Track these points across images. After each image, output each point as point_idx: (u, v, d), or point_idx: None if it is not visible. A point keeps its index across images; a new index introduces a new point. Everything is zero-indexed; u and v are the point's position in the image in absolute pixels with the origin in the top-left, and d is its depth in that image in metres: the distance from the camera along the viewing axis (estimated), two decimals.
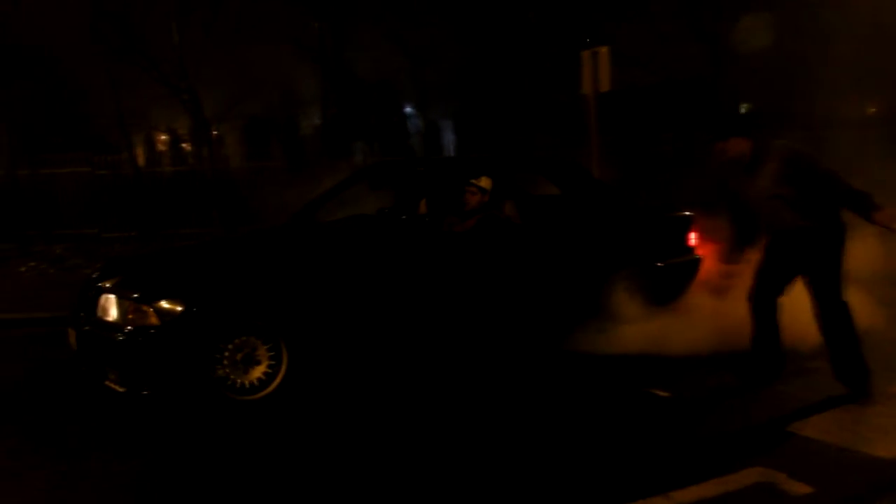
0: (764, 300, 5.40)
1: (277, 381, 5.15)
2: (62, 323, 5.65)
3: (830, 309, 5.04)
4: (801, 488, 3.80)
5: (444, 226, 6.34)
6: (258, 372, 5.13)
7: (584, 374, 5.84)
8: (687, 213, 7.18)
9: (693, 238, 7.10)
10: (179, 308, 4.90)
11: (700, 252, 7.16)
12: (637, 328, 6.42)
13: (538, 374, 5.88)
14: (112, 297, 5.12)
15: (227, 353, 5.02)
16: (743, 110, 9.80)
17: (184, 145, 19.90)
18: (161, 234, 14.04)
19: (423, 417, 4.99)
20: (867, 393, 4.96)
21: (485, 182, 6.49)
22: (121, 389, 4.98)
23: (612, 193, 7.02)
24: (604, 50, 10.34)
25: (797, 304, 6.60)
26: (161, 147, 20.88)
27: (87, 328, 5.22)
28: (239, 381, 5.08)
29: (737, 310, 6.65)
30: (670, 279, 6.85)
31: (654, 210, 7.35)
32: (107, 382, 5.07)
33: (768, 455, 4.16)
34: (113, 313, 5.07)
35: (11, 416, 5.18)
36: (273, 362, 5.16)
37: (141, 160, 15.12)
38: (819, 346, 6.06)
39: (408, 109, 21.97)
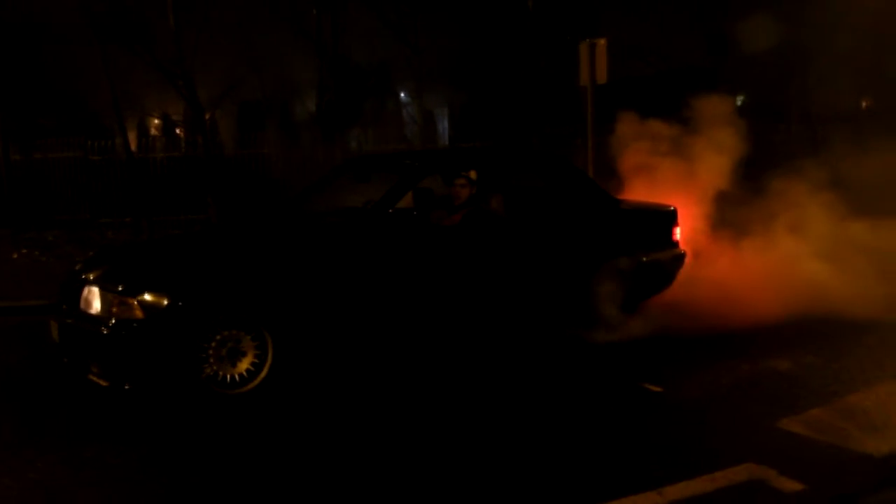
0: None
1: (263, 374, 5.11)
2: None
3: None
4: (791, 485, 3.77)
5: (431, 219, 6.29)
6: (244, 365, 5.08)
7: (576, 366, 5.83)
8: (671, 207, 7.21)
9: (677, 233, 7.16)
10: (165, 301, 4.84)
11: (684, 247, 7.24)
12: (624, 320, 6.54)
13: (528, 367, 5.85)
14: (95, 289, 5.06)
15: (212, 347, 4.96)
16: (738, 102, 9.78)
17: (178, 130, 19.77)
18: (155, 221, 13.97)
19: (409, 410, 4.96)
20: None
21: (472, 174, 6.46)
22: (104, 383, 4.93)
23: (597, 188, 7.05)
24: (601, 42, 10.29)
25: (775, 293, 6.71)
26: (154, 132, 20.75)
27: (69, 321, 5.16)
28: (224, 374, 5.03)
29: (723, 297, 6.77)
30: (655, 273, 6.87)
31: (638, 205, 7.36)
32: (90, 376, 5.02)
33: (759, 451, 4.13)
34: (96, 306, 5.01)
35: (5, 406, 5.14)
36: (258, 354, 5.11)
37: (134, 145, 14.97)
38: (810, 341, 6.14)
39: (403, 97, 21.86)
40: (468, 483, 3.92)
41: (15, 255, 11.45)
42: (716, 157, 8.22)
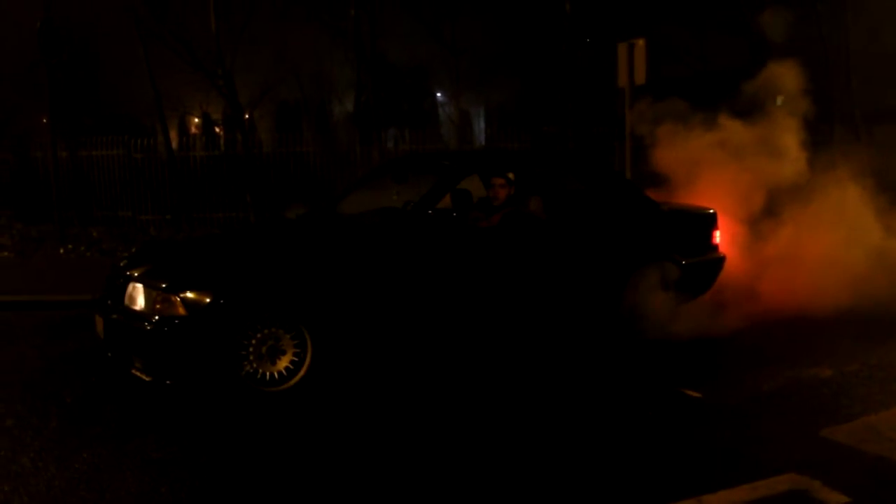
0: None
1: (302, 372, 5.15)
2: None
3: None
4: (836, 497, 3.70)
5: (469, 220, 6.31)
6: (283, 363, 5.13)
7: (614, 370, 5.80)
8: (711, 210, 7.14)
9: (717, 236, 7.09)
10: (207, 299, 4.90)
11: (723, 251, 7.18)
12: (663, 323, 6.50)
13: (565, 370, 5.83)
14: (140, 286, 5.14)
15: (252, 345, 5.02)
16: (779, 102, 9.64)
17: (217, 129, 20.03)
18: (194, 218, 14.16)
19: (444, 411, 4.96)
20: None
21: (511, 175, 6.48)
22: (147, 378, 5.02)
23: (635, 190, 7.00)
24: (640, 42, 10.20)
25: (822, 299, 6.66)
26: (194, 131, 21.03)
27: (114, 316, 5.25)
28: (264, 371, 5.08)
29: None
30: (694, 277, 6.80)
31: (678, 207, 7.31)
32: (133, 371, 5.11)
33: (802, 461, 4.07)
34: (140, 302, 5.10)
35: (52, 397, 5.23)
36: (297, 352, 5.16)
37: (174, 144, 15.18)
38: (854, 346, 6.05)
39: (439, 97, 21.93)
40: (497, 486, 3.91)
41: (61, 251, 11.68)
42: (759, 154, 8.15)
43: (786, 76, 8.65)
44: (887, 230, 8.03)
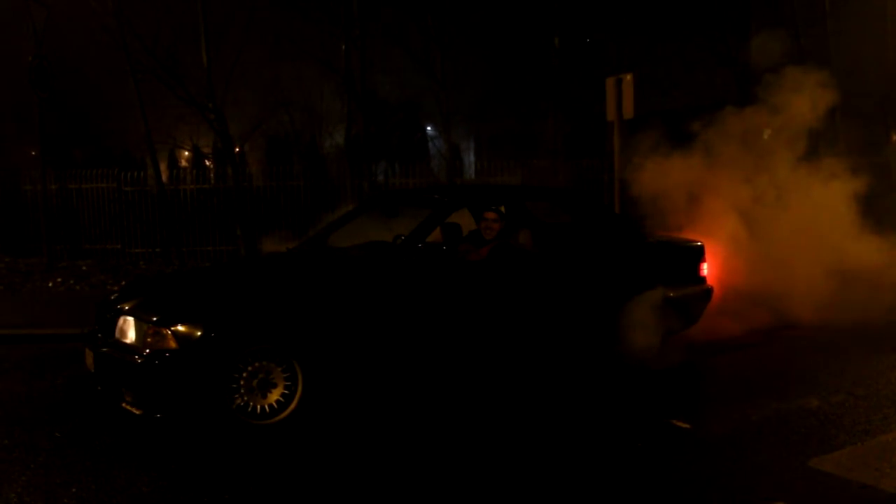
0: None
1: (293, 405, 5.15)
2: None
3: None
4: None
5: (458, 254, 6.35)
6: (274, 396, 5.13)
7: (602, 402, 5.82)
8: (698, 242, 7.21)
9: (705, 268, 7.15)
10: (198, 332, 4.91)
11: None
12: (651, 354, 6.55)
13: (551, 403, 5.84)
14: (131, 319, 5.15)
15: (243, 378, 5.02)
16: (765, 136, 9.80)
17: (207, 162, 20.04)
18: (184, 251, 14.16)
19: (433, 443, 4.96)
20: None
21: (502, 209, 6.54)
22: (137, 412, 5.00)
23: (622, 222, 7.07)
24: (628, 77, 10.34)
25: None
26: (184, 164, 21.04)
27: (104, 349, 5.25)
28: (255, 405, 5.07)
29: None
30: (681, 308, 6.85)
31: (665, 239, 7.37)
32: (123, 404, 5.09)
33: (790, 491, 4.10)
34: (131, 335, 5.10)
35: (40, 431, 5.20)
36: (288, 386, 5.16)
37: (164, 177, 15.22)
38: (841, 377, 6.10)
39: (430, 130, 22.06)
40: None
41: (49, 284, 11.64)
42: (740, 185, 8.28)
43: (773, 109, 8.85)
44: (869, 253, 8.18)
